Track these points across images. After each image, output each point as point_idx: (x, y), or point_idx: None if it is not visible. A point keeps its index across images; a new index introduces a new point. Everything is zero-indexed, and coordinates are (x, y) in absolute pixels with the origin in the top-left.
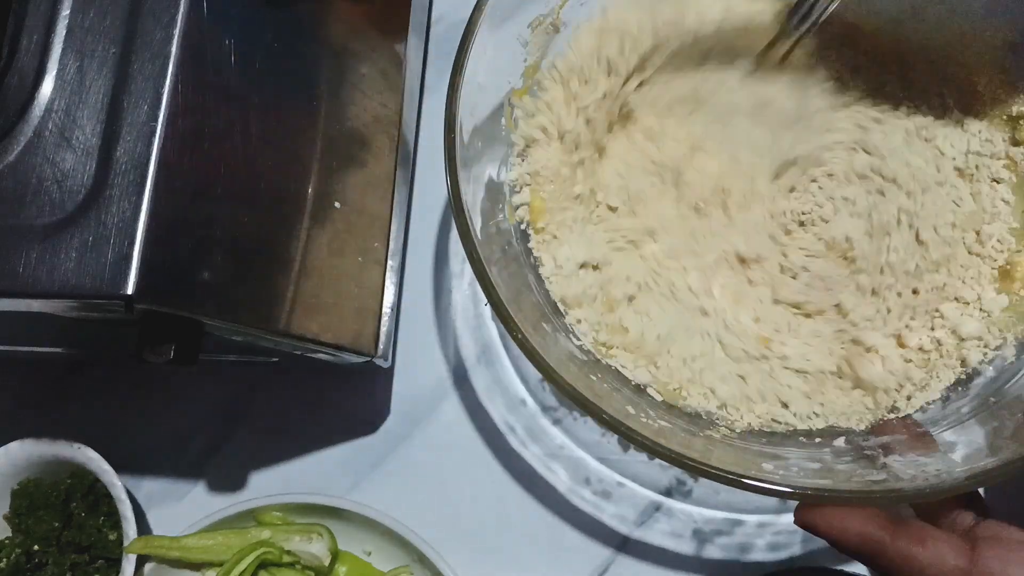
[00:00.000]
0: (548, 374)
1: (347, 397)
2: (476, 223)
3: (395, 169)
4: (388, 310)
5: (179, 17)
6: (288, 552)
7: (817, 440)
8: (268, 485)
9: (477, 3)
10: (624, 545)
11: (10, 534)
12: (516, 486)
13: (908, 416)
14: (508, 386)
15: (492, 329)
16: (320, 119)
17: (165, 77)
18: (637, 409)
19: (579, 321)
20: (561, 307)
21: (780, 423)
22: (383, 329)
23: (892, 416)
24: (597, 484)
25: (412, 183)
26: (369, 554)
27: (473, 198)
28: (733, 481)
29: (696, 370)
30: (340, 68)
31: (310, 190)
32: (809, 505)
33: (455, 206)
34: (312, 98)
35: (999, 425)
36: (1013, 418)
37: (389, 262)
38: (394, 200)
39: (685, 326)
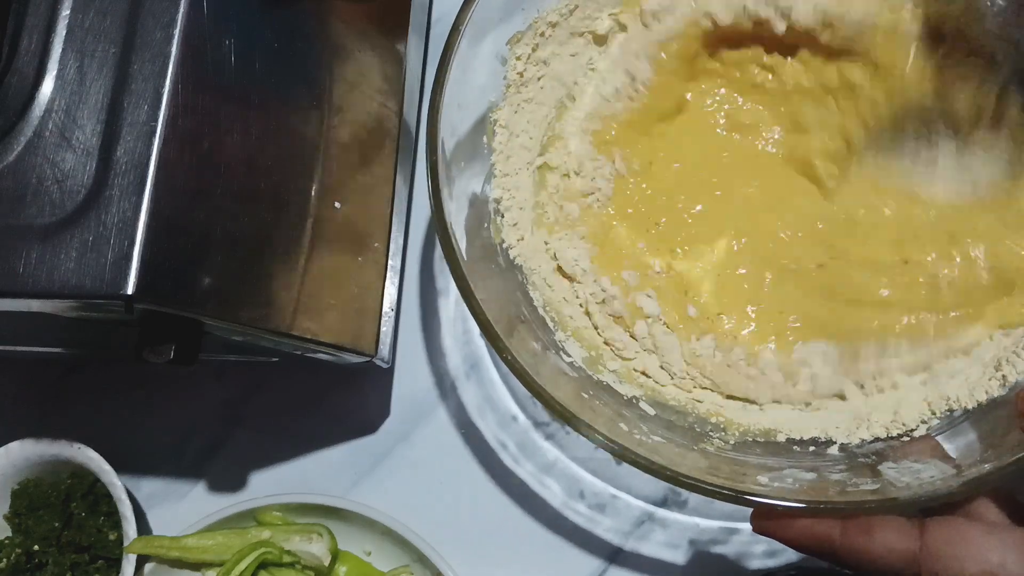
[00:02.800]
0: (538, 394)
1: (347, 397)
2: (461, 243)
3: (395, 169)
4: (388, 310)
5: (179, 17)
6: (288, 552)
7: (811, 449)
8: (268, 485)
9: (455, 22)
10: (617, 556)
11: (10, 534)
12: (515, 485)
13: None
14: (499, 399)
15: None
16: (320, 119)
17: (165, 77)
18: (630, 425)
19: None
20: (551, 323)
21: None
22: (383, 329)
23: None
24: (592, 498)
25: (412, 183)
26: (369, 554)
27: (457, 216)
28: (730, 497)
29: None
30: (340, 68)
31: (310, 190)
32: (762, 512)
33: (439, 227)
34: (312, 98)
35: (992, 428)
36: (1005, 419)
37: (389, 262)
38: (394, 200)
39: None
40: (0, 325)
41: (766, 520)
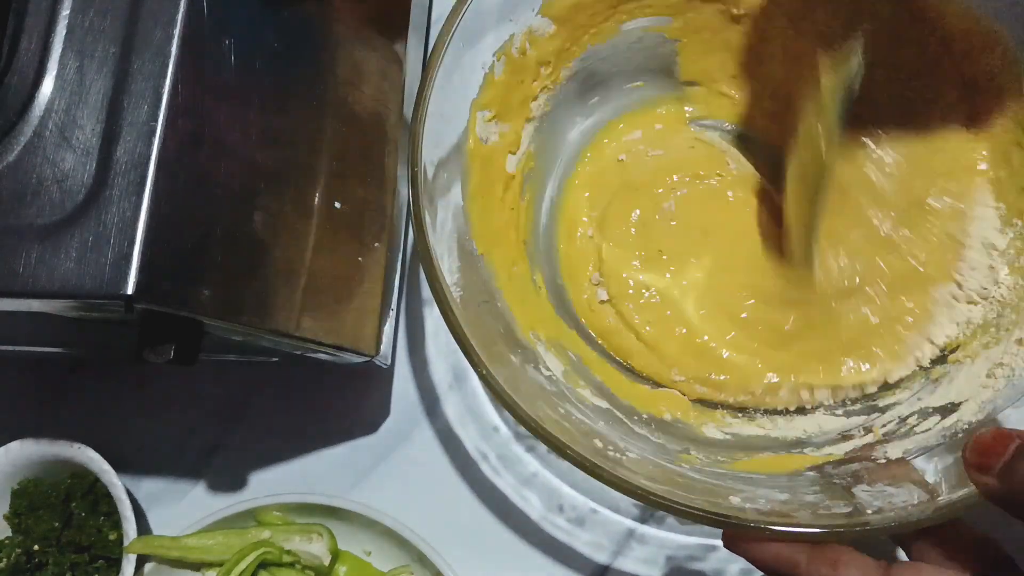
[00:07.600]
0: (513, 410)
1: (347, 397)
2: (445, 254)
3: (395, 169)
4: (388, 311)
5: (179, 17)
6: (288, 552)
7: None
8: (268, 485)
9: (440, 34)
10: (605, 573)
11: (10, 534)
12: (512, 483)
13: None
14: (484, 411)
15: None
16: (320, 119)
17: (165, 77)
18: (604, 442)
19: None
20: (532, 335)
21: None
22: (383, 329)
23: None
24: (571, 511)
25: None
26: (369, 554)
27: (442, 228)
28: (700, 517)
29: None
30: (340, 68)
31: (310, 190)
32: (733, 532)
33: (419, 240)
34: (312, 98)
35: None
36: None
37: (389, 263)
38: (395, 200)
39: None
40: (0, 325)
41: (736, 540)
